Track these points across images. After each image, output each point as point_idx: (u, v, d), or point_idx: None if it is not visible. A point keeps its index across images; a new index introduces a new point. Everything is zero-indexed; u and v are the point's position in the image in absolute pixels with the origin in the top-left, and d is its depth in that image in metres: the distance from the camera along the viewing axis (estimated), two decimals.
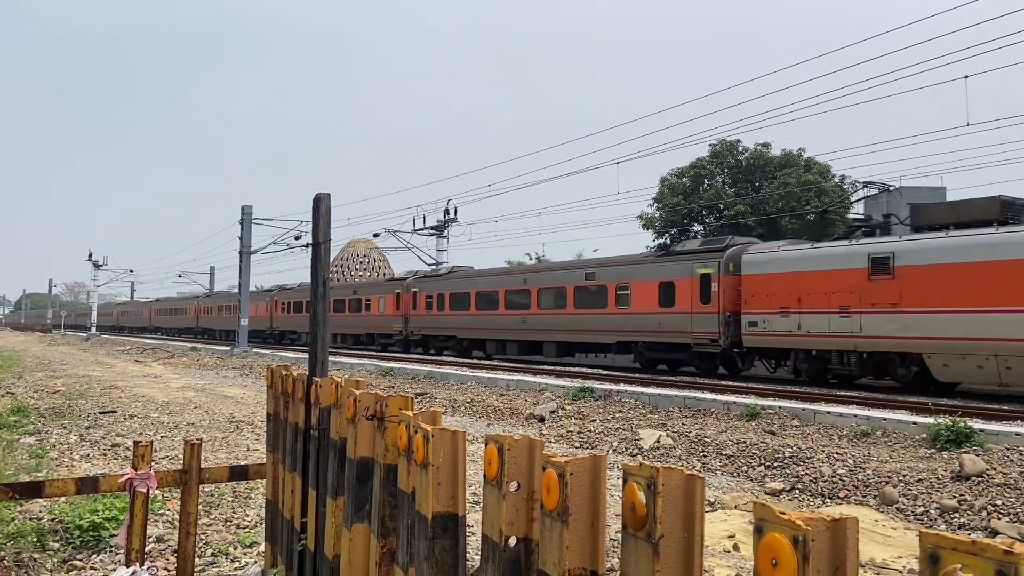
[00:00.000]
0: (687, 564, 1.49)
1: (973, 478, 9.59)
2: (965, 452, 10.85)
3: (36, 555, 6.14)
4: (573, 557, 1.73)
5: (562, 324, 28.45)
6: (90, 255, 79.14)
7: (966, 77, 22.98)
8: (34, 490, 4.97)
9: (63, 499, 7.10)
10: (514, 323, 31.17)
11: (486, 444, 2.09)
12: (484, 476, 2.10)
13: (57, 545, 6.38)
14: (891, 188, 25.19)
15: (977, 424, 12.15)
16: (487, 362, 29.87)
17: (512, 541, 2.00)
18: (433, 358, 33.11)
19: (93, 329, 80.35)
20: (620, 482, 1.62)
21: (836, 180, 40.72)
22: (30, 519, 7.00)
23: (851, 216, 41.05)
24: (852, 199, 41.66)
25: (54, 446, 11.38)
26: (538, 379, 21.70)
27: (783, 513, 1.22)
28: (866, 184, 25.90)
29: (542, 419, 16.08)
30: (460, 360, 31.42)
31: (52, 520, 6.93)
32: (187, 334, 69.83)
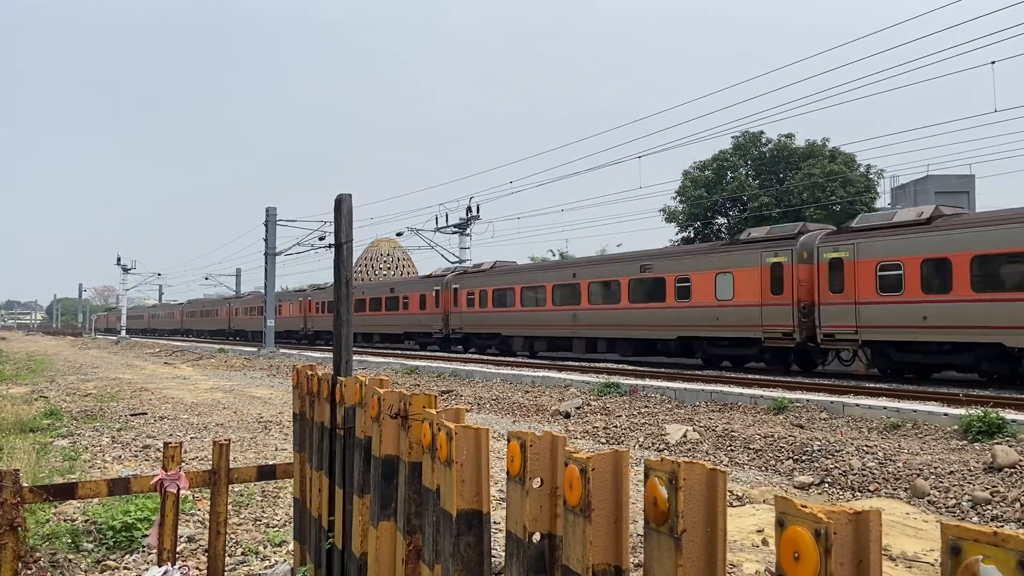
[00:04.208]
0: (710, 559, 1.49)
1: (1006, 469, 9.45)
2: (997, 443, 10.69)
3: (71, 556, 6.25)
4: (597, 553, 1.74)
5: (378, 322, 44.12)
6: (119, 259, 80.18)
7: (993, 63, 22.64)
8: (68, 492, 5.05)
9: (96, 500, 7.21)
10: (356, 321, 45.79)
11: (508, 441, 2.09)
12: (507, 473, 2.11)
13: (91, 546, 6.48)
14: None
15: (1009, 415, 11.96)
16: (511, 359, 30.28)
17: (536, 537, 2.01)
18: (458, 356, 33.56)
19: (123, 332, 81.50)
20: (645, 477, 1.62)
21: (862, 170, 40.22)
22: (64, 520, 7.12)
23: (877, 206, 40.61)
24: (878, 189, 41.18)
25: (86, 448, 11.55)
26: (563, 375, 21.69)
27: (804, 506, 1.21)
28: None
29: (567, 415, 16.07)
30: (485, 358, 31.81)
31: (86, 521, 7.04)
32: (176, 335, 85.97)
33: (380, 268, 70.67)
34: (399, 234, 50.61)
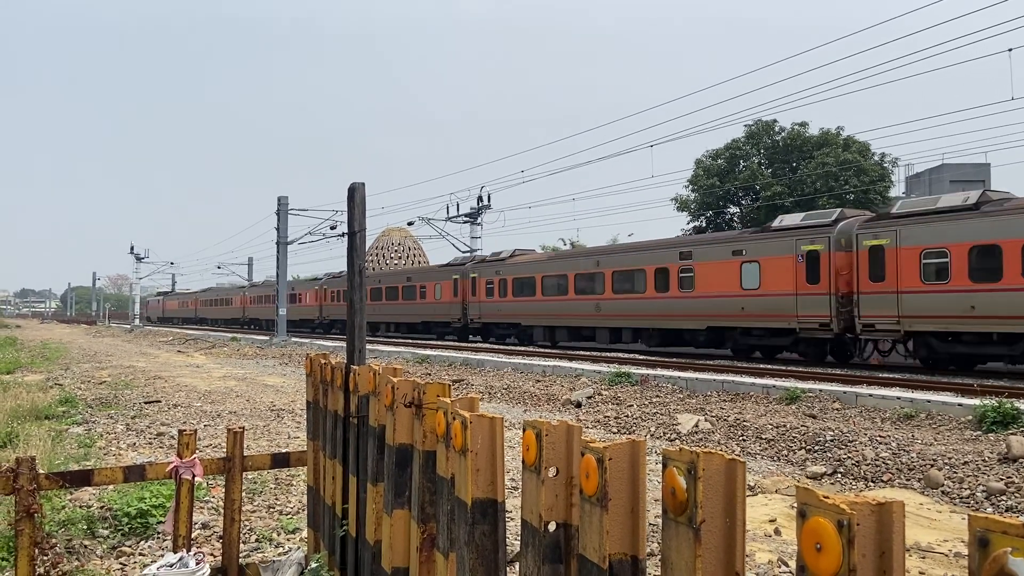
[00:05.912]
0: (729, 549, 1.48)
1: (1021, 460, 9.39)
2: (1012, 433, 10.63)
3: (87, 542, 6.30)
4: (613, 542, 1.73)
5: (302, 313, 56.82)
6: (132, 248, 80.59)
7: (1010, 50, 22.39)
8: (83, 479, 5.09)
9: (111, 487, 7.27)
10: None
11: (524, 430, 2.09)
12: (523, 462, 2.10)
13: (106, 532, 6.53)
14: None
15: None
16: (523, 348, 30.30)
17: (552, 526, 2.00)
18: (469, 345, 33.60)
19: (136, 321, 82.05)
20: (659, 467, 1.60)
21: (876, 158, 39.91)
22: (80, 507, 7.18)
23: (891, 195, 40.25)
24: (893, 177, 40.82)
25: (101, 436, 11.64)
26: (574, 364, 21.69)
27: (827, 497, 1.20)
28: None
29: (579, 404, 16.07)
30: (496, 347, 31.83)
31: (101, 508, 7.10)
32: (162, 322, 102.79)
33: (392, 258, 70.70)
34: (410, 223, 50.50)
